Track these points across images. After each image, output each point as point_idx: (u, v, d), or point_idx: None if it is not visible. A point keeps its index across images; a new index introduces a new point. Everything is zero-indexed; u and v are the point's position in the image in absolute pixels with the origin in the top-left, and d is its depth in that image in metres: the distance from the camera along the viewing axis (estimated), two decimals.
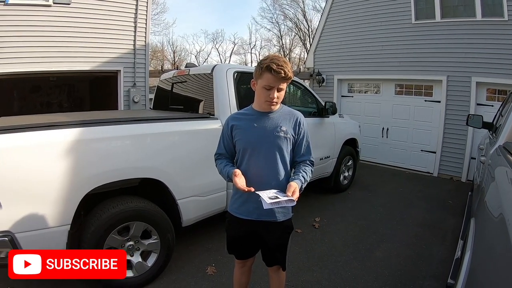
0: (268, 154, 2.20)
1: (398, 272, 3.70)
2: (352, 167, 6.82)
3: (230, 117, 2.38)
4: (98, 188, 3.05)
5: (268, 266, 2.51)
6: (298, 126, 2.26)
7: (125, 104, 8.50)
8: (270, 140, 2.19)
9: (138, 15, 8.38)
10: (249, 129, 2.23)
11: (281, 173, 2.23)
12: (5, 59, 6.76)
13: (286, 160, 2.25)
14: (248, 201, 2.24)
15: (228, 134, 2.33)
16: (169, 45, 35.13)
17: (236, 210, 2.34)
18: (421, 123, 8.47)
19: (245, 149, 2.24)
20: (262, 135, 2.19)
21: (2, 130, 2.69)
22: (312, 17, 36.54)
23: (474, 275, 1.66)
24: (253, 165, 2.23)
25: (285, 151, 2.23)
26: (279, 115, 2.24)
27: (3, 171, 2.59)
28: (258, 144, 2.20)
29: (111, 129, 3.25)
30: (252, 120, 2.24)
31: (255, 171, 2.22)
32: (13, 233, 2.65)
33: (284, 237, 2.33)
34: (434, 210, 5.68)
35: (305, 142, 2.30)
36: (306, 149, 2.31)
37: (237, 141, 2.28)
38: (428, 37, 8.10)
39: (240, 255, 2.53)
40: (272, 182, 2.20)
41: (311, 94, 5.65)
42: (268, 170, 2.21)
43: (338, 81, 10.09)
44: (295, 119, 2.26)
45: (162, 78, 5.58)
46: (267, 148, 2.20)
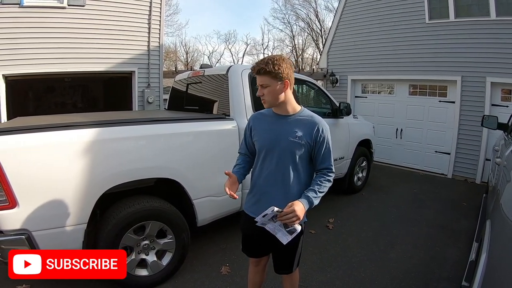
0: (280, 159, 2.18)
1: (411, 273, 3.71)
2: (366, 168, 6.80)
3: (251, 117, 2.42)
4: (114, 187, 3.09)
5: (276, 272, 2.50)
6: (317, 132, 2.18)
7: (139, 105, 8.57)
8: (283, 145, 2.17)
9: (152, 16, 8.44)
10: (265, 131, 2.25)
11: (292, 179, 2.20)
12: (21, 60, 6.86)
13: (299, 166, 2.21)
14: (260, 201, 2.26)
15: (248, 134, 2.37)
16: (182, 46, 35.22)
17: (249, 208, 2.37)
18: (435, 124, 8.40)
19: (260, 150, 2.26)
20: (276, 138, 2.19)
21: (20, 130, 2.76)
22: (324, 17, 36.61)
23: (490, 277, 1.66)
24: (266, 167, 2.24)
25: (298, 157, 2.18)
26: (297, 120, 2.21)
27: (21, 170, 2.64)
28: (271, 147, 2.20)
29: (128, 129, 3.29)
30: (269, 122, 2.26)
31: (266, 174, 2.24)
32: (30, 231, 2.71)
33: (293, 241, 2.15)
34: (448, 212, 5.66)
35: (325, 149, 2.21)
36: (325, 156, 2.22)
37: (255, 141, 2.31)
38: (442, 36, 8.02)
39: (252, 253, 2.54)
40: (281, 187, 2.21)
41: (325, 95, 5.65)
42: (279, 175, 2.20)
43: (351, 81, 10.06)
44: (313, 125, 2.19)
45: (176, 79, 5.62)
46: (280, 152, 2.18)
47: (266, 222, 2.06)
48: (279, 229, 2.06)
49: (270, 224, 2.07)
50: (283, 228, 2.05)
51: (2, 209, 2.63)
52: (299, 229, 2.04)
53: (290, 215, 1.97)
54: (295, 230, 2.04)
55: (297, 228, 2.04)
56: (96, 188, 2.98)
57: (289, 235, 2.05)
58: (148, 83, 8.63)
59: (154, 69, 8.73)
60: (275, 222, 2.05)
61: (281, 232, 2.06)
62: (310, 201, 2.10)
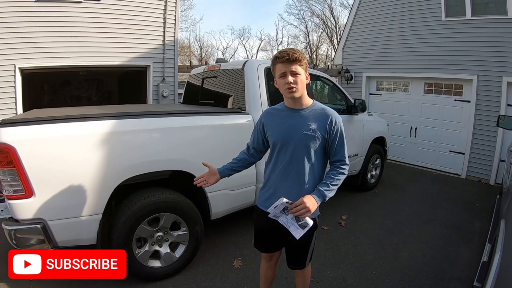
0: (294, 152, 2.19)
1: (423, 273, 3.70)
2: (380, 166, 6.78)
3: (264, 112, 2.43)
4: (130, 179, 3.13)
5: (290, 268, 2.52)
6: (330, 124, 2.17)
7: (154, 99, 8.63)
8: (297, 138, 2.16)
9: (167, 11, 8.47)
10: (278, 126, 2.25)
11: (306, 173, 2.20)
12: (37, 53, 6.95)
13: (313, 160, 2.20)
14: (274, 195, 2.26)
15: (260, 128, 2.38)
16: (196, 41, 35.28)
17: (262, 203, 2.37)
18: (450, 123, 8.31)
19: (274, 145, 2.27)
20: (290, 132, 2.19)
21: (38, 121, 2.81)
22: (339, 13, 36.32)
23: (503, 277, 1.66)
24: (280, 161, 2.25)
25: (313, 150, 2.18)
26: (310, 113, 2.21)
27: (38, 160, 2.69)
28: (286, 141, 2.20)
29: (145, 121, 3.33)
30: (282, 116, 2.26)
31: (280, 168, 2.24)
32: (45, 221, 2.76)
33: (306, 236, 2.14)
34: (461, 212, 5.62)
35: (338, 141, 2.21)
36: (339, 148, 2.22)
37: (268, 136, 2.32)
38: (458, 35, 7.92)
39: (265, 248, 2.55)
40: (296, 181, 2.21)
41: (340, 91, 5.65)
42: (293, 169, 2.20)
43: (366, 78, 10.00)
44: (327, 118, 2.18)
45: (192, 73, 5.64)
46: (294, 146, 2.18)
47: (278, 214, 2.08)
48: (292, 223, 2.07)
49: (282, 217, 2.09)
50: (295, 221, 2.06)
51: (18, 199, 2.68)
52: (310, 223, 2.05)
53: (300, 207, 2.00)
54: (307, 224, 2.05)
55: (308, 222, 2.05)
56: (112, 179, 3.03)
57: (301, 229, 2.05)
58: (163, 77, 8.69)
59: (169, 63, 8.78)
60: (287, 215, 2.07)
61: (293, 226, 2.07)
62: (322, 195, 2.11)
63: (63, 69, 7.70)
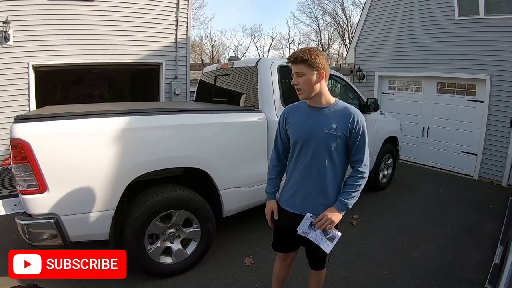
0: (315, 151, 2.17)
1: (434, 274, 3.69)
2: (392, 166, 6.76)
3: (285, 110, 2.42)
4: (143, 175, 3.16)
5: (311, 268, 2.55)
6: (352, 123, 2.14)
7: (166, 96, 8.68)
8: (319, 137, 2.15)
9: (179, 9, 8.52)
10: (300, 124, 2.24)
11: (328, 172, 2.19)
12: (50, 51, 7.03)
13: (335, 159, 2.18)
14: (295, 195, 2.28)
15: (282, 127, 2.38)
16: (208, 40, 35.34)
17: (284, 202, 2.38)
18: (462, 123, 8.21)
19: (295, 143, 2.27)
20: (311, 130, 2.17)
21: (52, 117, 2.84)
22: (351, 12, 36.07)
23: None
24: (301, 161, 2.24)
25: (334, 149, 2.16)
26: (332, 111, 2.18)
27: (52, 156, 2.73)
28: (307, 140, 2.19)
29: (158, 118, 3.36)
30: (303, 114, 2.25)
31: (302, 167, 2.24)
32: (58, 216, 2.80)
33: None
34: (472, 214, 5.57)
35: (359, 140, 2.17)
36: (359, 148, 2.18)
37: (289, 134, 2.32)
38: (471, 34, 7.81)
39: (282, 248, 2.55)
40: (317, 180, 2.20)
41: (353, 90, 5.63)
42: (314, 168, 2.19)
43: (379, 77, 9.94)
44: (349, 116, 2.15)
45: (204, 71, 5.68)
46: (315, 144, 2.16)
47: (307, 230, 2.15)
48: (321, 238, 2.14)
49: (311, 234, 2.15)
50: (323, 236, 2.13)
51: (32, 194, 2.73)
52: (339, 235, 2.13)
53: (323, 220, 2.09)
54: (335, 237, 2.12)
55: (336, 235, 2.13)
56: (126, 175, 3.06)
57: (330, 242, 2.13)
58: (175, 75, 8.73)
59: (182, 61, 8.83)
60: (315, 230, 2.14)
61: (322, 241, 2.14)
62: (344, 205, 2.15)
63: (75, 67, 7.78)
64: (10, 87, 6.70)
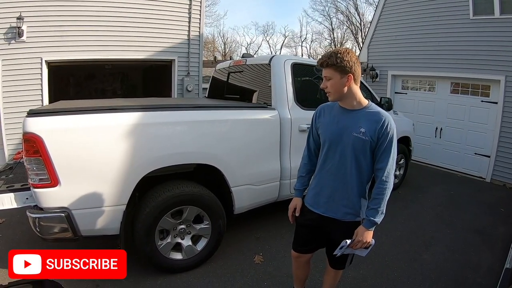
0: (342, 153, 2.16)
1: (444, 276, 3.66)
2: (404, 166, 6.69)
3: (318, 108, 2.41)
4: (155, 171, 3.17)
5: (330, 266, 2.55)
6: (381, 128, 2.08)
7: (178, 93, 8.76)
8: (347, 139, 2.13)
9: (192, 6, 8.57)
10: (330, 124, 2.23)
11: (353, 175, 2.17)
12: (63, 47, 7.13)
13: (362, 163, 2.16)
14: (319, 194, 2.29)
15: (315, 126, 2.37)
16: (220, 37, 35.40)
17: (308, 200, 2.39)
18: (476, 124, 8.11)
19: (324, 143, 2.26)
20: (340, 132, 2.16)
21: (65, 111, 2.87)
22: (364, 10, 35.93)
23: None
24: (329, 161, 2.24)
25: (361, 153, 2.13)
26: (363, 114, 2.14)
27: (65, 150, 2.75)
28: (335, 141, 2.18)
29: (171, 114, 3.38)
30: (334, 115, 2.23)
31: (329, 167, 2.24)
32: (70, 210, 2.83)
33: (346, 238, 2.18)
34: (484, 217, 5.51)
35: (386, 147, 2.10)
36: (384, 155, 2.11)
37: (320, 134, 2.31)
38: (486, 33, 7.70)
39: (302, 246, 2.52)
40: (342, 182, 2.20)
41: (366, 89, 5.61)
42: (341, 169, 2.19)
43: (392, 77, 9.85)
44: (379, 120, 2.09)
45: (217, 68, 5.69)
46: (343, 147, 2.15)
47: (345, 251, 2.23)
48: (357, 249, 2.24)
49: (348, 250, 2.23)
50: None
51: (43, 187, 2.75)
52: (373, 242, 2.20)
53: (360, 243, 2.14)
54: (370, 245, 2.20)
55: (371, 243, 2.20)
56: (137, 171, 3.07)
57: (366, 249, 2.22)
58: (187, 72, 8.79)
59: (194, 58, 8.88)
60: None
61: (359, 251, 2.24)
62: (372, 222, 2.15)
63: (88, 63, 7.88)
64: (23, 82, 6.80)
